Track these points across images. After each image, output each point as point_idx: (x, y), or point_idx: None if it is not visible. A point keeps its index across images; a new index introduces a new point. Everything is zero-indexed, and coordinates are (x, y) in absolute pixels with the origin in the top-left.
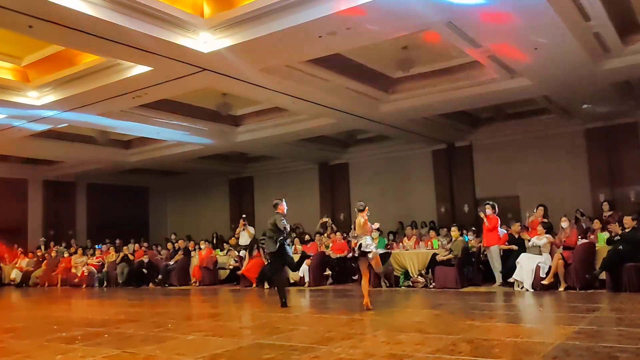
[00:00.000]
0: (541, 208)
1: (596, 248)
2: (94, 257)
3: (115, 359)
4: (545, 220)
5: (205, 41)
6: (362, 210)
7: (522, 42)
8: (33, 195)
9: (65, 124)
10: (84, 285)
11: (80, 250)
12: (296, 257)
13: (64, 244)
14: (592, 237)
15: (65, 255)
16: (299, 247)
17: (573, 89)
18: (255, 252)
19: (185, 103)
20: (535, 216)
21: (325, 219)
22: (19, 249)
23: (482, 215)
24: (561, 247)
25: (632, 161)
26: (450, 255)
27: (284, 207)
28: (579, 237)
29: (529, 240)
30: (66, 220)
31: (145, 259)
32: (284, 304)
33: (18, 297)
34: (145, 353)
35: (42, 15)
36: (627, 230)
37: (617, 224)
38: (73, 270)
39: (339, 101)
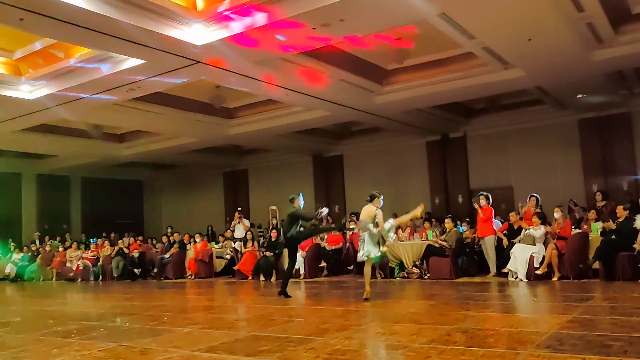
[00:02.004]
0: (533, 198)
1: (589, 238)
2: (89, 251)
3: (111, 353)
4: (539, 210)
5: (199, 33)
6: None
7: (515, 33)
8: (27, 190)
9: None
10: (79, 279)
11: (75, 244)
12: None
13: (58, 238)
14: (585, 227)
15: (60, 249)
16: None
17: (566, 80)
18: (250, 245)
19: (178, 96)
20: (527, 206)
21: (321, 210)
22: (13, 243)
23: (476, 206)
24: (555, 237)
25: (625, 151)
26: (445, 243)
27: (299, 202)
28: (573, 227)
29: (527, 230)
30: (60, 214)
31: (136, 254)
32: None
33: (13, 291)
34: (141, 346)
35: (33, 7)
36: (620, 220)
37: (611, 221)
38: (68, 264)
39: (333, 93)
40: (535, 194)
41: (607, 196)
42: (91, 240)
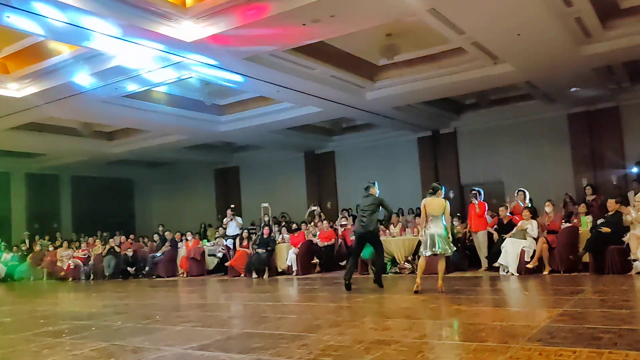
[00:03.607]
0: (521, 192)
1: (579, 232)
2: (80, 250)
3: (103, 352)
4: (529, 205)
5: (188, 30)
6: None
7: (505, 28)
8: (16, 189)
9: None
10: (70, 279)
11: (65, 244)
12: (283, 247)
13: (47, 237)
14: (575, 221)
15: (50, 248)
16: (287, 237)
17: (556, 75)
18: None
19: (167, 93)
20: (516, 201)
21: (313, 207)
22: (3, 243)
23: (474, 201)
24: (545, 231)
25: (614, 145)
26: None
27: (376, 189)
28: (563, 221)
29: (523, 229)
30: (50, 213)
31: (130, 252)
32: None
33: (3, 291)
34: (133, 345)
35: (19, 5)
36: (610, 214)
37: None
38: (59, 263)
39: (324, 89)
40: (522, 189)
41: (596, 190)
42: (82, 239)
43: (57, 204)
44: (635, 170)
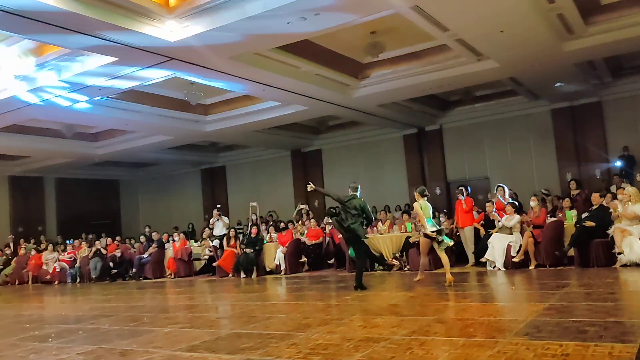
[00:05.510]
0: (501, 188)
1: (564, 226)
2: (66, 253)
3: (90, 355)
4: (510, 200)
5: (172, 30)
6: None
7: (488, 25)
8: None
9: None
10: (56, 282)
11: (50, 247)
12: (271, 246)
13: (32, 241)
14: (560, 215)
15: (33, 252)
16: (274, 236)
17: (539, 71)
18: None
19: (153, 93)
20: (496, 197)
21: (302, 206)
22: None
23: (460, 197)
24: (531, 226)
25: (597, 140)
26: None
27: (358, 191)
28: (548, 215)
29: (499, 221)
30: (35, 216)
31: (118, 253)
32: (361, 287)
33: None
34: (121, 347)
35: (0, 5)
36: (594, 208)
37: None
38: (44, 267)
39: (309, 88)
40: (501, 184)
41: (580, 185)
42: (67, 242)
43: (41, 206)
44: (618, 164)
